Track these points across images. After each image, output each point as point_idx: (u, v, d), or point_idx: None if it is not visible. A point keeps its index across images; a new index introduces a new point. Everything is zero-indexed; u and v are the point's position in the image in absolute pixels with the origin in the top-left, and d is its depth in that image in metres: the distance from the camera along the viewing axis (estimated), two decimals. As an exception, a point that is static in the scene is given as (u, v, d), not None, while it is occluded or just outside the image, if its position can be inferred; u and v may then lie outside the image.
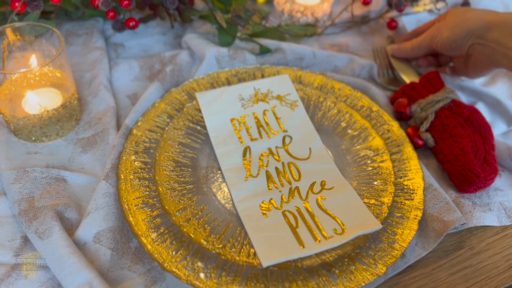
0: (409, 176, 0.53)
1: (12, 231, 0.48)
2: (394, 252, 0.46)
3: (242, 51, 0.66)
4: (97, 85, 0.62)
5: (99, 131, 0.57)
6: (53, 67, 0.56)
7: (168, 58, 0.68)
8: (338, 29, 0.77)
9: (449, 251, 0.49)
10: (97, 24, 0.73)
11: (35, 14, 0.61)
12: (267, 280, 0.44)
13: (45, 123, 0.54)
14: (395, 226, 0.48)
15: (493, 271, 0.47)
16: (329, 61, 0.68)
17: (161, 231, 0.47)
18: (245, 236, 0.47)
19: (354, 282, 0.43)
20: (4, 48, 0.56)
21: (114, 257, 0.46)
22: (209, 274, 0.44)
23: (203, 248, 0.46)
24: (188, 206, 0.50)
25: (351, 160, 0.56)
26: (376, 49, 0.73)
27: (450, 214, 0.49)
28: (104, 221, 0.47)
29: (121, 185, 0.50)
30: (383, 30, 0.78)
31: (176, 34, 0.74)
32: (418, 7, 0.81)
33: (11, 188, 0.50)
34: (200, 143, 0.56)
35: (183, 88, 0.61)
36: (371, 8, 0.79)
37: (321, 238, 0.46)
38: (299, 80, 0.64)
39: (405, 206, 0.50)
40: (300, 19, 0.76)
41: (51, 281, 0.44)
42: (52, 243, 0.45)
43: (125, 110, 0.62)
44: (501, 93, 0.66)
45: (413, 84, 0.63)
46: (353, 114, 0.60)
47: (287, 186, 0.52)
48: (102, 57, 0.66)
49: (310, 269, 0.45)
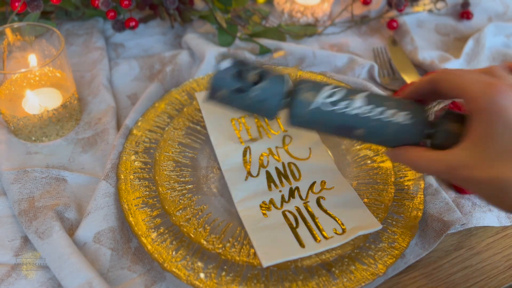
0: (409, 177, 0.53)
1: (12, 231, 0.48)
2: (394, 252, 0.46)
3: (242, 51, 0.66)
4: (97, 85, 0.62)
5: (99, 131, 0.57)
6: (53, 67, 0.56)
7: (168, 58, 0.68)
8: (338, 29, 0.77)
9: (449, 251, 0.49)
10: (97, 24, 0.73)
11: (35, 14, 0.61)
12: (267, 280, 0.44)
13: (45, 123, 0.54)
14: (395, 226, 0.48)
15: (493, 271, 0.47)
16: (329, 61, 0.68)
17: (161, 231, 0.47)
18: (245, 236, 0.47)
19: (354, 282, 0.43)
20: (4, 48, 0.56)
21: (114, 257, 0.46)
22: (209, 274, 0.44)
23: (203, 248, 0.46)
24: (188, 206, 0.50)
25: (351, 160, 0.56)
26: (376, 49, 0.73)
27: (450, 215, 0.49)
28: (104, 221, 0.47)
29: (121, 185, 0.50)
30: (383, 30, 0.78)
31: (176, 34, 0.74)
32: (418, 7, 0.81)
33: (11, 188, 0.50)
34: (200, 143, 0.56)
35: (183, 88, 0.61)
36: (371, 8, 0.79)
37: (321, 238, 0.46)
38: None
39: (405, 206, 0.50)
40: (300, 19, 0.76)
41: (51, 281, 0.44)
42: (52, 243, 0.45)
43: (125, 110, 0.62)
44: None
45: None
46: (353, 114, 0.60)
47: (287, 186, 0.52)
48: (102, 57, 0.66)
49: (310, 269, 0.45)
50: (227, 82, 0.43)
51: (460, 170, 0.38)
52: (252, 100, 0.43)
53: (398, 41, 0.74)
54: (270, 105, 0.44)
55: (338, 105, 0.42)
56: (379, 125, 0.42)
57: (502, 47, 0.74)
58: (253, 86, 0.43)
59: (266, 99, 0.43)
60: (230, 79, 0.43)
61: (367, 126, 0.43)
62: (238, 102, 0.44)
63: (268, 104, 0.44)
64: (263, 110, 0.44)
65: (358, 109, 0.42)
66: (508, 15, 0.81)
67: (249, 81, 0.43)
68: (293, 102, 0.43)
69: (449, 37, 0.77)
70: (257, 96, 0.43)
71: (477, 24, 0.79)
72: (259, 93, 0.43)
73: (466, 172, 0.37)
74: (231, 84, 0.43)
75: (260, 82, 0.43)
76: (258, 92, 0.43)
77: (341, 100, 0.42)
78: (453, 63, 0.69)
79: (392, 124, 0.42)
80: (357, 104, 0.42)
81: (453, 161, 0.38)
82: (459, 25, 0.79)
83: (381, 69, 0.69)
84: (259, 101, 0.43)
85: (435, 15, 0.81)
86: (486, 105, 0.37)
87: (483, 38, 0.72)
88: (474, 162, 0.37)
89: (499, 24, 0.76)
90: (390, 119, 0.42)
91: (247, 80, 0.43)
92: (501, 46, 0.75)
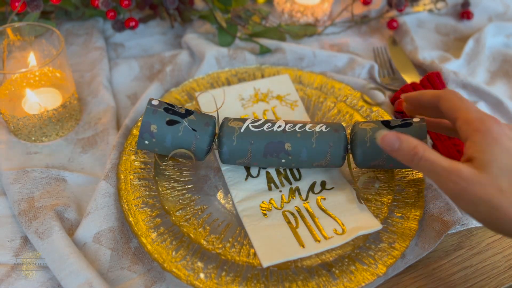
0: (409, 177, 0.53)
1: (12, 231, 0.48)
2: (394, 252, 0.46)
3: (242, 51, 0.66)
4: (97, 85, 0.62)
5: (99, 131, 0.57)
6: (53, 67, 0.56)
7: (168, 58, 0.68)
8: (338, 29, 0.77)
9: (449, 251, 0.49)
10: (97, 24, 0.73)
11: (35, 14, 0.61)
12: (267, 280, 0.44)
13: (45, 123, 0.54)
14: (395, 226, 0.48)
15: (493, 271, 0.47)
16: (329, 61, 0.68)
17: (161, 231, 0.47)
18: (245, 236, 0.47)
19: (354, 282, 0.43)
20: (4, 48, 0.56)
21: (114, 257, 0.46)
22: (209, 274, 0.44)
23: (203, 248, 0.46)
24: (188, 206, 0.50)
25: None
26: (376, 49, 0.73)
27: (450, 215, 0.49)
28: (104, 221, 0.47)
29: (121, 185, 0.50)
30: (383, 30, 0.77)
31: (176, 34, 0.74)
32: (418, 7, 0.81)
33: (11, 188, 0.50)
34: (200, 143, 0.56)
35: (183, 88, 0.61)
36: (371, 8, 0.79)
37: (321, 238, 0.46)
38: (299, 80, 0.64)
39: (405, 206, 0.50)
40: (300, 19, 0.76)
41: (51, 281, 0.44)
42: (52, 243, 0.45)
43: (125, 110, 0.62)
44: (500, 94, 0.66)
45: (414, 84, 0.63)
46: (353, 114, 0.60)
47: (287, 186, 0.52)
48: (102, 57, 0.66)
49: (310, 269, 0.45)
50: (157, 117, 0.47)
51: (466, 176, 0.39)
52: (184, 131, 0.47)
53: (398, 41, 0.74)
54: (202, 136, 0.47)
55: (262, 127, 0.48)
56: (304, 136, 0.48)
57: (502, 47, 0.74)
58: (184, 118, 0.47)
59: (197, 129, 0.47)
60: (160, 114, 0.47)
61: (294, 139, 0.48)
62: (170, 136, 0.47)
63: (199, 135, 0.47)
64: (196, 141, 0.47)
65: (281, 127, 0.48)
66: (508, 15, 0.81)
67: (179, 112, 0.47)
68: (221, 131, 0.48)
69: (449, 37, 0.77)
70: (190, 125, 0.47)
71: (477, 24, 0.79)
72: (192, 122, 0.47)
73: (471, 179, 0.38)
74: (162, 117, 0.46)
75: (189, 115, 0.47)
76: (188, 123, 0.47)
77: (264, 123, 0.49)
78: (453, 63, 0.69)
79: (316, 132, 0.48)
80: (279, 124, 0.49)
81: (463, 167, 0.39)
82: (459, 25, 0.79)
83: (381, 69, 0.69)
84: (192, 130, 0.47)
85: (435, 15, 0.81)
86: (482, 128, 0.40)
87: (483, 38, 0.72)
88: (477, 179, 0.38)
89: (499, 24, 0.76)
90: (312, 129, 0.48)
91: (177, 112, 0.47)
92: (501, 46, 0.75)
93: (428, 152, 0.41)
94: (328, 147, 0.48)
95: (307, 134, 0.48)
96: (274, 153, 0.48)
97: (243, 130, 0.48)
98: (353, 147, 0.49)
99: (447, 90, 0.45)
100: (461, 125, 0.42)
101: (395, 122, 0.49)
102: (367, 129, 0.48)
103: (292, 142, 0.48)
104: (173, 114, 0.47)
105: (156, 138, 0.47)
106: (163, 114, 0.47)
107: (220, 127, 0.49)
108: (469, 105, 0.43)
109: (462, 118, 0.42)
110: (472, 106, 0.43)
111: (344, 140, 0.49)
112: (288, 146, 0.48)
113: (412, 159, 0.41)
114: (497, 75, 0.70)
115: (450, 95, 0.45)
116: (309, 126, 0.49)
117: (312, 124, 0.49)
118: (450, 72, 0.66)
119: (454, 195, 0.40)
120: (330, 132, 0.48)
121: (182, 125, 0.47)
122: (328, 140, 0.48)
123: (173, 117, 0.47)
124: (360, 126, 0.49)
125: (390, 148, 0.43)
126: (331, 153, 0.48)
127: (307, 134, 0.48)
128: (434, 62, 0.67)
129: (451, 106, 0.44)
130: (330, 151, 0.48)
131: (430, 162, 0.40)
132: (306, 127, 0.49)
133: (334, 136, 0.48)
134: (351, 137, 0.49)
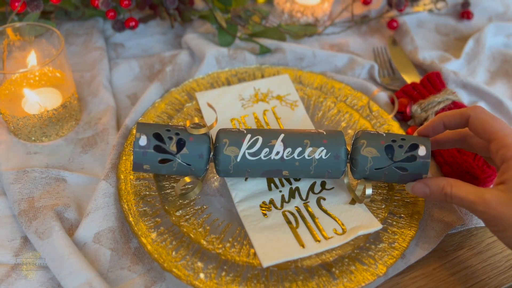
0: (409, 176, 0.53)
1: (12, 231, 0.48)
2: (394, 252, 0.46)
3: (242, 51, 0.66)
4: (97, 85, 0.62)
5: (99, 131, 0.57)
6: (53, 67, 0.56)
7: (168, 58, 0.68)
8: (338, 29, 0.77)
9: (449, 251, 0.49)
10: (97, 24, 0.73)
11: (35, 14, 0.61)
12: (267, 280, 0.44)
13: (45, 123, 0.54)
14: (395, 226, 0.48)
15: (493, 271, 0.47)
16: (329, 61, 0.68)
17: (161, 231, 0.47)
18: (245, 236, 0.47)
19: (354, 282, 0.43)
20: (4, 48, 0.56)
21: (114, 257, 0.46)
22: (209, 274, 0.44)
23: (203, 248, 0.46)
24: (188, 206, 0.50)
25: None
26: (376, 49, 0.73)
27: (450, 215, 0.49)
28: (104, 221, 0.47)
29: (121, 185, 0.50)
30: (383, 30, 0.77)
31: (176, 34, 0.74)
32: (418, 7, 0.81)
33: (11, 188, 0.50)
34: (200, 143, 0.56)
35: (183, 88, 0.61)
36: (371, 8, 0.79)
37: (321, 238, 0.46)
38: (299, 80, 0.64)
39: (405, 206, 0.50)
40: (300, 19, 0.76)
41: (51, 281, 0.44)
42: (52, 243, 0.45)
43: (125, 110, 0.62)
44: (500, 94, 0.66)
45: (414, 84, 0.63)
46: (353, 114, 0.60)
47: (287, 186, 0.52)
48: (102, 57, 0.66)
49: (310, 269, 0.45)
50: (149, 158, 0.46)
51: (494, 205, 0.41)
52: (178, 167, 0.46)
53: (398, 41, 0.74)
54: (197, 168, 0.47)
55: (259, 155, 0.47)
56: (303, 164, 0.47)
57: (502, 47, 0.74)
58: (176, 154, 0.46)
59: (191, 163, 0.47)
60: (150, 155, 0.46)
61: (292, 167, 0.47)
62: (165, 171, 0.47)
63: (194, 167, 0.47)
64: (191, 172, 0.47)
65: (279, 154, 0.47)
66: (508, 15, 0.81)
67: (170, 151, 0.46)
68: (216, 160, 0.47)
69: (449, 37, 0.77)
70: (184, 161, 0.46)
71: (477, 24, 0.79)
72: (184, 159, 0.46)
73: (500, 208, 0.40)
74: (153, 158, 0.46)
75: (181, 149, 0.46)
76: (182, 159, 0.46)
77: (261, 148, 0.47)
78: (453, 63, 0.69)
79: (315, 160, 0.47)
80: (277, 149, 0.47)
81: (489, 196, 0.41)
82: (459, 25, 0.79)
83: (381, 69, 0.69)
84: (186, 165, 0.46)
85: (435, 15, 0.81)
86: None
87: (483, 38, 0.72)
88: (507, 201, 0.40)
89: (499, 24, 0.76)
90: (311, 156, 0.47)
91: (168, 151, 0.46)
92: (501, 46, 0.75)
93: (455, 188, 0.44)
94: (326, 172, 0.48)
95: (306, 162, 0.47)
96: (272, 175, 0.49)
97: (239, 160, 0.47)
98: (352, 173, 0.48)
99: (473, 108, 0.45)
100: (498, 148, 0.43)
101: (399, 153, 0.46)
102: (368, 158, 0.46)
103: (289, 169, 0.48)
104: (165, 153, 0.46)
105: (151, 171, 0.47)
106: (154, 154, 0.46)
107: (214, 150, 0.47)
108: (503, 126, 0.43)
109: (498, 142, 0.43)
110: (508, 127, 0.43)
111: (344, 165, 0.48)
112: (286, 172, 0.48)
113: (444, 199, 0.45)
114: (497, 75, 0.70)
115: (479, 114, 0.44)
116: (309, 151, 0.47)
117: (312, 148, 0.47)
118: (450, 72, 0.66)
119: (486, 222, 0.42)
120: (330, 158, 0.47)
121: (175, 162, 0.46)
122: (327, 168, 0.48)
123: (165, 156, 0.46)
124: (361, 151, 0.46)
125: (423, 195, 0.46)
126: (329, 176, 0.49)
127: (306, 162, 0.47)
128: (434, 62, 0.67)
129: (485, 127, 0.44)
130: (328, 175, 0.49)
131: (459, 199, 0.43)
132: (306, 153, 0.47)
133: (333, 163, 0.47)
134: (350, 162, 0.48)
